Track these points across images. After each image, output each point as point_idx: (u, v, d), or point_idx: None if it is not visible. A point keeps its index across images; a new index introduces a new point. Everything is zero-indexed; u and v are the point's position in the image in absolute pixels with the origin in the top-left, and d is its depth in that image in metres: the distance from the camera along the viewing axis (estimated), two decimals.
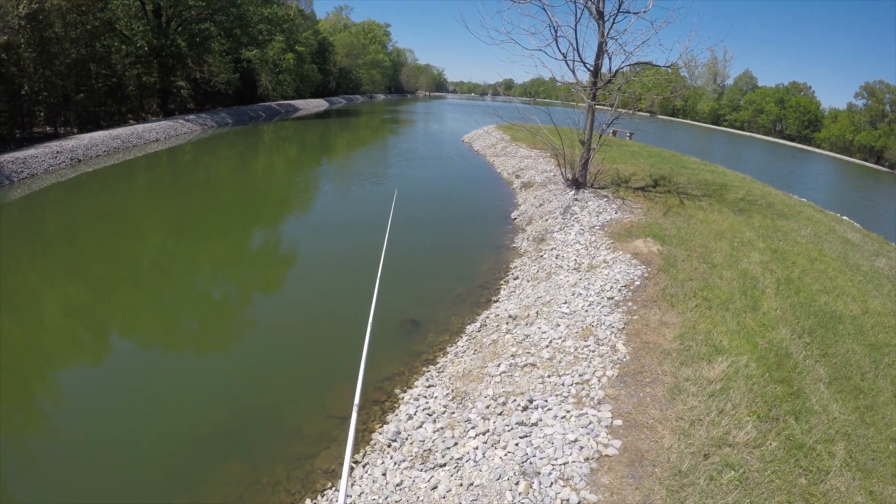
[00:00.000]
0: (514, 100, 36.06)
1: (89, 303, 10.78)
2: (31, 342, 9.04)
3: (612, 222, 13.61)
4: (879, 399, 6.39)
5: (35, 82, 25.65)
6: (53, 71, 26.69)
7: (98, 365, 8.83)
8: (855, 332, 8.15)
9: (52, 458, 6.39)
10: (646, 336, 7.69)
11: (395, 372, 8.17)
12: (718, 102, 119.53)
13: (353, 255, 13.46)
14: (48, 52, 25.87)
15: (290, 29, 59.45)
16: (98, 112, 31.23)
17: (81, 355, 9.08)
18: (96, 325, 9.98)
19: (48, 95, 26.56)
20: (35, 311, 10.15)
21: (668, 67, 17.53)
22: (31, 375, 8.14)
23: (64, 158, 22.57)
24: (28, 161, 20.50)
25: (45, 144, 23.49)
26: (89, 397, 7.78)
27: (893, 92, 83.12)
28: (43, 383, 8.15)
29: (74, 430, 6.97)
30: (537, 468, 5.18)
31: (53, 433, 6.98)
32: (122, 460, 6.38)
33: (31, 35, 24.72)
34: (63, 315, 10.25)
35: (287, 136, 42.99)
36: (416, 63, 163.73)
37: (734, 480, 4.85)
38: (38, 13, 24.68)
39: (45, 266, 12.27)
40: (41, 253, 13.04)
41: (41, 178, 20.05)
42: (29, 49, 24.79)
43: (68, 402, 7.72)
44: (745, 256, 11.12)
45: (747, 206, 15.91)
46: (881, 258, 12.94)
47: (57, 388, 8.12)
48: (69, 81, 28.07)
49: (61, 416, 7.33)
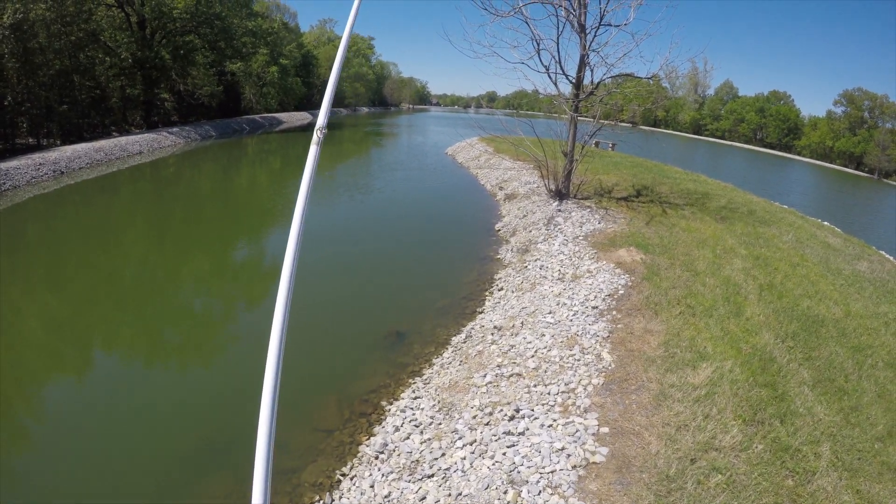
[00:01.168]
0: (498, 112, 36.35)
1: (72, 317, 10.63)
2: (13, 357, 8.86)
3: (595, 232, 13.70)
4: (863, 400, 6.48)
5: (18, 93, 25.42)
6: (37, 82, 26.46)
7: (81, 380, 8.69)
8: (838, 335, 8.26)
9: (35, 474, 6.27)
10: (630, 344, 7.74)
11: (380, 384, 8.12)
12: (700, 112, 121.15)
13: (337, 267, 13.42)
14: (32, 62, 25.64)
15: (275, 42, 59.52)
16: (81, 124, 30.97)
17: (64, 370, 8.93)
18: (79, 340, 9.83)
19: (31, 107, 26.31)
20: (16, 325, 9.97)
21: (650, 79, 17.77)
22: (13, 392, 7.98)
23: (47, 170, 22.32)
24: (10, 173, 20.24)
25: (28, 156, 23.23)
26: (72, 413, 7.64)
27: (872, 99, 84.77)
28: (24, 400, 7.98)
29: (58, 446, 6.84)
30: (525, 477, 5.17)
31: (36, 452, 6.84)
32: (107, 476, 6.27)
33: (15, 45, 24.47)
34: (45, 330, 10.07)
35: (271, 149, 42.87)
36: (399, 76, 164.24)
37: (721, 484, 4.87)
38: (23, 23, 24.44)
39: (27, 280, 12.09)
40: (23, 266, 12.84)
41: (23, 190, 19.80)
42: (12, 59, 24.54)
43: (50, 418, 7.57)
44: (727, 263, 11.24)
45: (729, 214, 16.10)
46: (862, 262, 13.14)
47: (39, 404, 7.96)
48: (52, 93, 27.82)
49: (43, 434, 7.19)
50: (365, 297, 11.92)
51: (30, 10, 24.88)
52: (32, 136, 27.29)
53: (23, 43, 24.85)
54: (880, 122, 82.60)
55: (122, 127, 35.89)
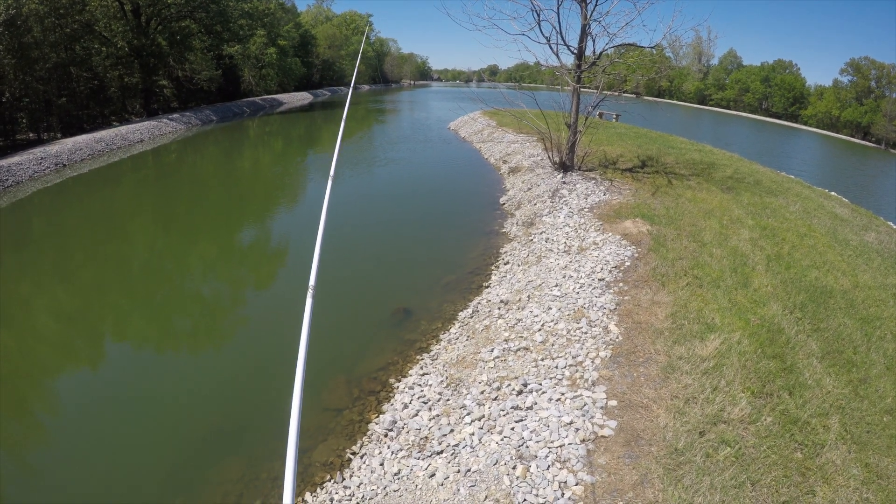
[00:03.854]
0: (500, 85, 36.09)
1: (81, 308, 10.69)
2: (24, 349, 8.95)
3: (600, 204, 13.60)
4: (872, 372, 6.43)
5: (16, 89, 25.31)
6: (34, 76, 26.32)
7: (92, 369, 8.78)
8: (846, 307, 8.19)
9: (49, 462, 6.36)
10: (638, 316, 7.71)
11: (388, 361, 8.16)
12: (704, 82, 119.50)
13: (342, 245, 13.38)
14: (28, 57, 25.51)
15: (272, 23, 58.90)
16: (81, 115, 30.85)
17: (75, 360, 9.02)
18: (89, 330, 9.90)
19: (30, 101, 26.19)
20: (26, 317, 10.03)
21: (653, 48, 17.49)
22: (25, 382, 8.07)
23: (48, 164, 22.28)
24: (12, 169, 20.22)
25: (29, 151, 23.14)
26: (84, 401, 7.73)
27: (879, 68, 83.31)
28: (37, 389, 8.08)
29: (71, 434, 6.93)
30: (534, 452, 5.19)
31: (49, 438, 6.94)
32: (120, 462, 6.35)
33: (10, 41, 24.35)
34: (55, 321, 10.15)
35: (273, 130, 42.68)
36: (399, 52, 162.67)
37: (730, 456, 4.87)
38: (16, 19, 24.28)
39: (35, 273, 12.14)
40: (30, 260, 12.89)
41: (26, 185, 19.79)
42: (8, 55, 24.42)
43: (63, 406, 7.67)
44: (734, 234, 11.15)
45: (735, 184, 15.94)
46: (870, 232, 13.02)
47: (51, 393, 8.05)
48: (50, 86, 27.68)
49: (57, 422, 7.30)
50: (371, 275, 11.92)
51: (22, 4, 24.69)
52: (33, 131, 27.18)
53: (17, 38, 24.69)
54: (887, 91, 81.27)
55: (122, 116, 35.72)
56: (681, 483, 4.61)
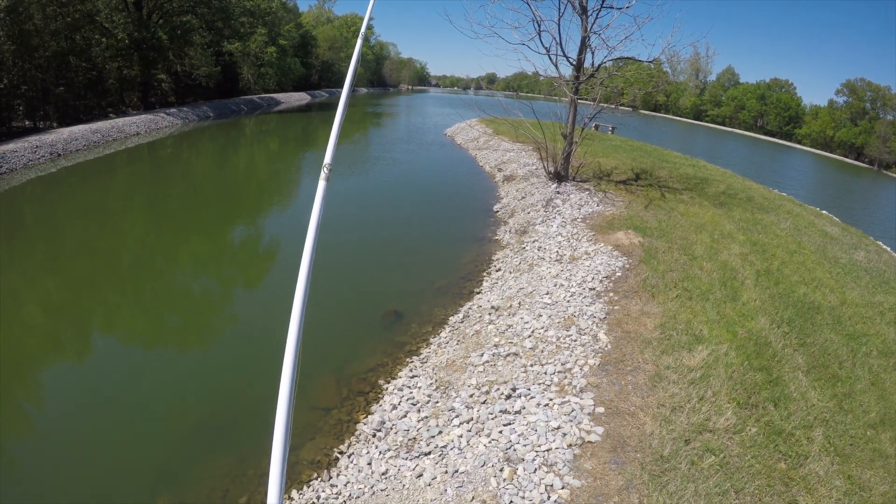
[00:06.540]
0: (497, 94, 36.14)
1: (70, 300, 10.62)
2: (12, 340, 8.88)
3: (593, 215, 13.70)
4: (857, 387, 6.53)
5: (14, 75, 25.14)
6: (33, 64, 26.18)
7: (80, 362, 8.72)
8: (833, 323, 8.31)
9: (36, 458, 6.30)
10: (627, 326, 7.78)
11: (378, 363, 8.18)
12: (700, 98, 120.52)
13: (335, 247, 13.39)
14: (27, 44, 25.36)
15: (273, 22, 58.91)
16: (78, 106, 30.67)
17: (63, 353, 8.95)
18: (78, 323, 9.85)
19: (27, 89, 26.03)
20: (15, 308, 9.96)
21: (651, 63, 17.68)
22: (12, 374, 7.99)
23: (43, 153, 22.18)
24: (7, 156, 20.11)
25: (25, 139, 23.02)
26: (71, 395, 7.67)
27: (874, 89, 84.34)
28: (24, 383, 7.99)
29: (57, 429, 6.89)
30: (521, 455, 5.23)
31: (35, 433, 6.89)
32: (108, 458, 6.32)
33: (11, 28, 24.21)
34: (44, 313, 10.08)
35: (269, 129, 42.64)
36: (398, 57, 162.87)
37: (715, 465, 4.93)
38: (18, 5, 24.17)
39: (25, 263, 12.08)
40: (20, 249, 12.82)
41: (20, 172, 19.69)
42: (8, 42, 24.28)
43: (50, 401, 7.60)
44: (725, 248, 11.26)
45: (728, 200, 16.10)
46: (859, 251, 13.18)
47: (38, 387, 7.99)
48: (49, 74, 27.53)
49: (43, 416, 7.24)
50: (363, 277, 11.94)
51: None
52: (29, 119, 27.01)
53: (18, 25, 24.56)
54: (882, 113, 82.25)
55: (119, 108, 35.58)
56: (665, 489, 4.67)
